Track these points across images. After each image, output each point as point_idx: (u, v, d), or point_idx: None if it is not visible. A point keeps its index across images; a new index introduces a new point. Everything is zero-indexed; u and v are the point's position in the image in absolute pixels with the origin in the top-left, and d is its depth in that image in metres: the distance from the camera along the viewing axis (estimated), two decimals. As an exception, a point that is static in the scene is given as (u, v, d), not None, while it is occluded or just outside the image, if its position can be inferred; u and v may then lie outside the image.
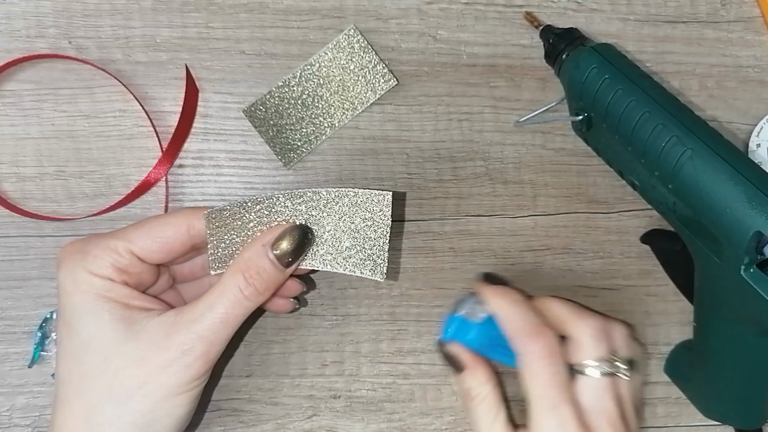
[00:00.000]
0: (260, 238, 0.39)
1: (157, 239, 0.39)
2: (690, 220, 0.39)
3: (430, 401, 0.48)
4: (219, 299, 0.38)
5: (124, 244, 0.38)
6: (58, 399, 0.38)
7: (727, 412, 0.45)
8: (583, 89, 0.41)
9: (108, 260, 0.38)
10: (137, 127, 0.45)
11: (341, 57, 0.45)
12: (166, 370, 0.37)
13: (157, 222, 0.39)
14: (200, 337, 0.37)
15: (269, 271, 0.39)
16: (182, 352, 0.37)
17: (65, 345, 0.38)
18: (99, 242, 0.38)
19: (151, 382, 0.37)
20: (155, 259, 0.39)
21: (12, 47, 0.44)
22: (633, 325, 0.48)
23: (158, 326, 0.37)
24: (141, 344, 0.37)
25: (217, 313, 0.38)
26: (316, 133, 0.46)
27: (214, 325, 0.37)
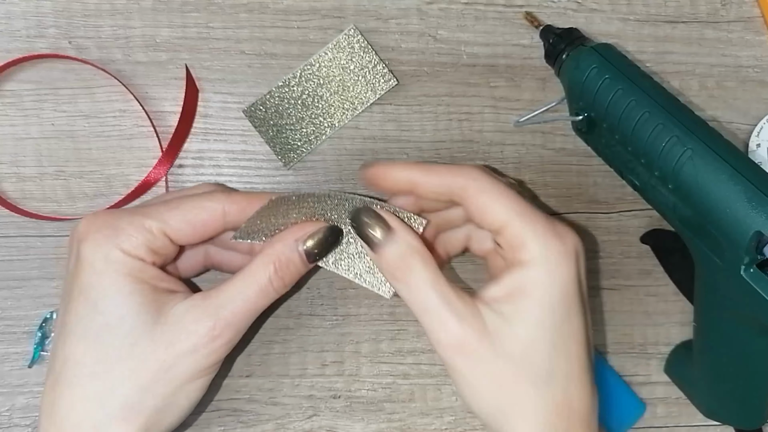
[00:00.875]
0: (293, 232, 0.39)
1: (191, 223, 0.38)
2: (690, 220, 0.39)
3: (430, 401, 0.48)
4: (248, 286, 0.38)
5: (159, 225, 0.37)
6: (63, 380, 0.36)
7: (727, 412, 0.45)
8: (583, 89, 0.41)
9: (142, 240, 0.37)
10: (137, 127, 0.45)
11: (341, 57, 0.46)
12: (194, 354, 0.37)
13: (192, 205, 0.38)
14: (228, 323, 0.37)
15: (297, 265, 0.39)
16: (212, 337, 0.37)
17: (84, 325, 0.36)
18: (132, 219, 0.37)
19: (178, 365, 0.37)
20: (185, 241, 0.39)
21: (12, 47, 0.44)
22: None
23: (187, 310, 0.37)
24: (169, 327, 0.37)
25: (246, 299, 0.38)
26: (316, 133, 0.46)
27: (242, 311, 0.37)
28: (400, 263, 0.37)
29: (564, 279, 0.37)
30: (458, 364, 0.37)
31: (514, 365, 0.36)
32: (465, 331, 0.36)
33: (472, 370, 0.36)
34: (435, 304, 0.36)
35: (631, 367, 0.49)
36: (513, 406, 0.36)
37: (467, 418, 0.48)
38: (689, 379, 0.47)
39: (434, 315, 0.36)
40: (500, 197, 0.37)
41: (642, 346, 0.49)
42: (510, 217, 0.37)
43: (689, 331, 0.46)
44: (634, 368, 0.49)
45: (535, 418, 0.36)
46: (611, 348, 0.49)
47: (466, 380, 0.37)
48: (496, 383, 0.36)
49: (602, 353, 0.48)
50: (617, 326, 0.49)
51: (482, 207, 0.37)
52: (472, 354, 0.36)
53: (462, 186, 0.38)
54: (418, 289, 0.37)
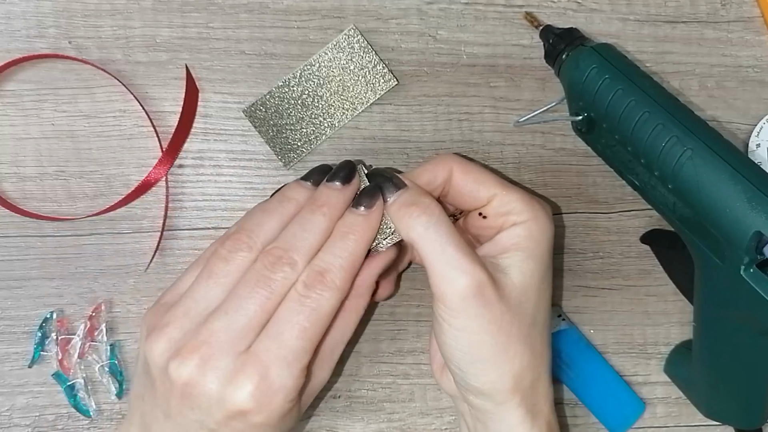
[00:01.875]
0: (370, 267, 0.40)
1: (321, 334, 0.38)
2: (690, 220, 0.39)
3: (430, 401, 0.48)
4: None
5: (310, 356, 0.38)
6: None
7: (727, 412, 0.45)
8: (583, 89, 0.41)
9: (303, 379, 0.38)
10: (137, 127, 0.45)
11: (341, 57, 0.46)
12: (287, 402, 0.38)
13: (321, 320, 0.38)
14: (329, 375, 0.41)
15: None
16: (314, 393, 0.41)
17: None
18: (291, 369, 0.37)
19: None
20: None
21: (12, 47, 0.44)
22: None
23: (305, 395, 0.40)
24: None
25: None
26: (316, 133, 0.46)
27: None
28: (418, 204, 0.39)
29: (548, 235, 0.40)
30: (471, 307, 0.37)
31: (510, 310, 0.38)
32: (482, 275, 0.37)
33: (482, 314, 0.37)
34: (455, 246, 0.37)
35: (630, 366, 0.49)
36: (505, 349, 0.38)
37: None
38: (689, 379, 0.47)
39: (454, 258, 0.37)
40: (484, 175, 0.41)
41: (642, 346, 0.49)
42: (497, 189, 0.41)
43: (689, 331, 0.46)
44: (633, 368, 0.49)
45: (521, 361, 0.39)
46: (611, 348, 0.49)
47: (465, 327, 0.38)
48: (496, 326, 0.38)
49: (602, 353, 0.48)
50: (617, 326, 0.49)
51: (471, 187, 0.41)
52: (484, 297, 0.37)
53: (447, 173, 0.41)
54: (437, 230, 0.38)
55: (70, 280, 0.46)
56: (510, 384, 0.38)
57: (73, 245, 0.46)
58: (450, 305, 0.37)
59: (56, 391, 0.45)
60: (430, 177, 0.41)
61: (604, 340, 0.49)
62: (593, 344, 0.48)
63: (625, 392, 0.48)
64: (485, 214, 0.41)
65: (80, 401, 0.45)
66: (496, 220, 0.41)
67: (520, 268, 0.39)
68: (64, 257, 0.45)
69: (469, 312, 0.37)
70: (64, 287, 0.46)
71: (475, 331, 0.38)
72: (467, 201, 0.41)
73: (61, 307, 0.46)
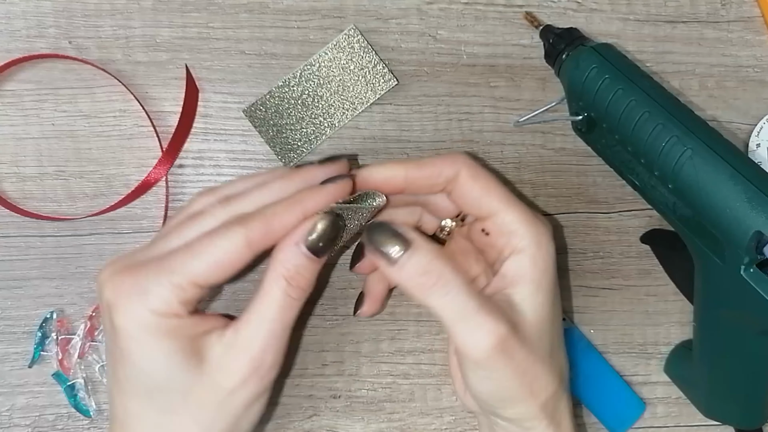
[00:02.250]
0: (291, 237, 0.37)
1: (218, 265, 0.37)
2: (690, 220, 0.39)
3: (430, 401, 0.48)
4: (268, 309, 0.37)
5: (188, 279, 0.36)
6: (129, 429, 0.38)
7: (727, 412, 0.45)
8: (583, 89, 0.41)
9: (172, 297, 0.36)
10: (137, 127, 0.45)
11: (341, 57, 0.46)
12: (244, 386, 0.37)
13: (213, 245, 0.36)
14: (265, 349, 0.37)
15: (307, 266, 0.38)
16: (254, 368, 0.37)
17: (135, 385, 0.37)
18: (159, 279, 0.36)
19: (233, 400, 0.37)
20: (216, 283, 0.38)
21: (12, 47, 0.44)
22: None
23: (225, 351, 0.37)
24: (214, 370, 0.37)
25: (272, 321, 0.37)
26: (316, 133, 0.46)
27: (272, 333, 0.37)
28: (430, 273, 0.36)
29: (551, 259, 0.39)
30: (498, 362, 0.37)
31: (532, 350, 0.38)
32: (503, 329, 0.36)
33: (508, 364, 0.37)
34: (473, 309, 0.36)
35: (631, 366, 0.49)
36: (531, 385, 0.38)
37: (467, 418, 0.48)
38: (689, 379, 0.47)
39: (473, 319, 0.36)
40: (491, 185, 0.40)
41: (642, 345, 0.49)
42: (501, 205, 0.39)
43: (689, 330, 0.46)
44: (634, 368, 0.49)
45: (546, 391, 0.38)
46: (611, 348, 0.49)
47: (490, 376, 0.37)
48: (521, 371, 0.37)
49: (602, 353, 0.48)
50: (617, 326, 0.49)
51: (476, 195, 0.39)
52: (508, 349, 0.37)
53: (453, 174, 0.39)
54: (454, 296, 0.36)
55: (70, 280, 0.46)
56: (538, 411, 0.38)
57: (73, 245, 0.46)
58: (476, 361, 0.37)
59: (56, 391, 0.45)
60: (433, 172, 0.39)
61: (605, 340, 0.49)
62: (593, 344, 0.48)
63: (626, 392, 0.48)
64: (487, 231, 0.40)
65: (80, 401, 0.45)
66: (499, 239, 0.40)
67: (532, 303, 0.38)
68: (64, 257, 0.45)
69: (496, 365, 0.37)
70: (64, 287, 0.46)
71: (501, 379, 0.37)
72: (469, 207, 0.40)
73: (61, 307, 0.46)
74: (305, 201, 0.38)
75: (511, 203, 0.39)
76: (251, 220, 0.37)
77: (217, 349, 0.37)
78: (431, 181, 0.40)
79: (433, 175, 0.40)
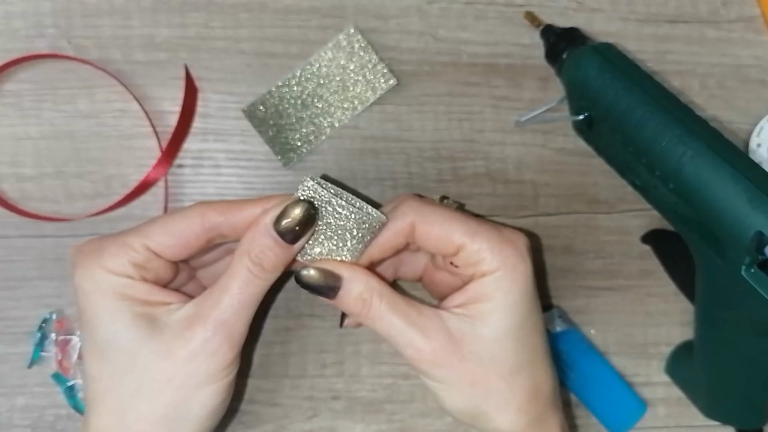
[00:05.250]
0: (262, 217, 0.38)
1: (171, 233, 0.38)
2: (691, 220, 0.39)
3: (431, 402, 0.48)
4: (230, 282, 0.38)
5: (140, 240, 0.38)
6: (90, 397, 0.39)
7: (728, 413, 0.45)
8: (583, 89, 0.41)
9: (124, 257, 0.38)
10: (136, 127, 0.45)
11: (341, 57, 0.45)
12: (193, 360, 0.37)
13: (171, 216, 0.39)
14: (219, 322, 0.37)
15: (274, 249, 0.38)
16: (205, 339, 0.37)
17: (90, 344, 0.38)
18: (115, 240, 0.38)
19: (180, 374, 0.37)
20: (171, 254, 0.39)
21: (12, 47, 0.44)
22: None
23: (180, 319, 0.38)
24: (165, 338, 0.37)
25: (232, 294, 0.38)
26: (316, 133, 0.46)
27: (230, 307, 0.38)
28: (358, 303, 0.39)
29: (523, 279, 0.39)
30: (434, 374, 0.39)
31: (482, 364, 0.39)
32: (433, 345, 0.38)
33: (448, 377, 0.39)
34: (400, 329, 0.39)
35: (631, 367, 0.49)
36: (487, 400, 0.39)
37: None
38: (690, 380, 0.47)
39: (402, 338, 0.39)
40: (447, 223, 0.39)
41: (643, 346, 0.49)
42: (463, 239, 0.39)
43: (690, 331, 0.46)
44: (634, 368, 0.49)
45: (507, 406, 0.39)
46: (612, 348, 0.48)
47: (442, 387, 0.39)
48: (468, 383, 0.39)
49: (603, 353, 0.48)
50: (618, 326, 0.48)
51: (435, 237, 0.39)
52: (443, 364, 0.39)
53: (409, 229, 0.39)
54: (381, 320, 0.39)
55: (69, 280, 0.45)
56: (505, 426, 0.39)
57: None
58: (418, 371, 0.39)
59: (56, 391, 0.45)
60: (392, 242, 0.40)
61: (605, 340, 0.48)
62: (594, 345, 0.48)
63: (627, 393, 0.48)
64: (456, 264, 0.40)
65: (80, 402, 0.45)
66: (467, 269, 0.39)
67: (488, 319, 0.39)
68: (64, 257, 0.45)
69: (436, 375, 0.39)
70: (64, 287, 0.45)
71: (448, 389, 0.39)
72: (435, 249, 0.40)
73: (60, 307, 0.45)
74: (272, 198, 0.39)
75: (475, 234, 0.39)
76: (214, 201, 0.39)
77: (174, 318, 0.38)
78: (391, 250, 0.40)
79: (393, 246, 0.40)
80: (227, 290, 0.38)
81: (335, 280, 0.39)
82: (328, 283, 0.39)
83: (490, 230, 0.39)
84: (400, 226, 0.39)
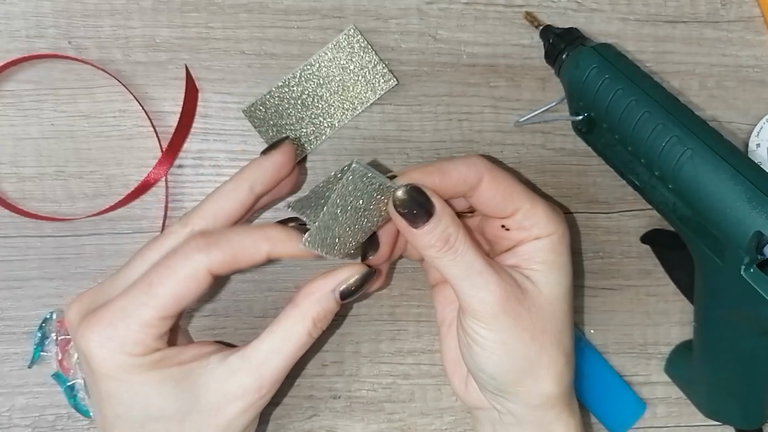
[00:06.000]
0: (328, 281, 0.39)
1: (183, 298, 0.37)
2: (690, 220, 0.39)
3: (431, 401, 0.48)
4: (288, 343, 0.38)
5: (155, 314, 0.36)
6: None
7: (727, 412, 0.45)
8: (583, 89, 0.41)
9: (148, 338, 0.36)
10: (137, 127, 0.45)
11: (341, 57, 0.45)
12: (245, 413, 0.38)
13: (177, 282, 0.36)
14: (272, 381, 0.38)
15: (333, 310, 0.39)
16: (260, 396, 0.38)
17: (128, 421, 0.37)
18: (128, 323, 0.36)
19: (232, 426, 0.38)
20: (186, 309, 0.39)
21: (12, 47, 0.44)
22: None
23: (225, 375, 0.37)
24: (213, 395, 0.37)
25: (287, 356, 0.38)
26: (316, 133, 0.46)
27: (283, 367, 0.38)
28: (443, 237, 0.37)
29: (568, 245, 0.41)
30: (500, 322, 0.38)
31: (542, 319, 0.39)
32: (507, 289, 0.38)
33: (513, 326, 0.38)
34: (478, 269, 0.38)
35: (631, 367, 0.49)
36: (541, 359, 0.39)
37: (467, 418, 0.48)
38: (689, 379, 0.47)
39: (479, 277, 0.38)
40: (512, 187, 0.40)
41: (642, 346, 0.49)
42: (524, 201, 0.40)
43: (689, 331, 0.46)
44: (634, 368, 0.49)
45: (554, 368, 0.39)
46: (611, 348, 0.49)
47: (501, 339, 0.38)
48: (529, 335, 0.38)
49: (603, 353, 0.48)
50: (617, 326, 0.49)
51: (499, 198, 0.40)
52: (512, 310, 0.38)
53: (477, 179, 0.39)
54: (461, 259, 0.38)
55: (70, 280, 0.46)
56: (549, 389, 0.39)
57: (73, 245, 0.46)
58: (482, 319, 0.38)
59: (56, 391, 0.45)
60: (460, 179, 0.39)
61: (605, 340, 0.48)
62: (593, 344, 0.48)
63: (626, 392, 0.48)
64: (508, 227, 0.41)
65: (80, 401, 0.45)
66: (519, 233, 0.40)
67: (547, 279, 0.40)
68: (64, 257, 0.45)
69: (501, 324, 0.38)
70: (64, 287, 0.46)
71: (508, 342, 0.38)
72: (491, 210, 0.40)
73: (61, 307, 0.46)
74: (267, 230, 0.38)
75: (534, 200, 0.40)
76: (214, 247, 0.37)
77: (218, 375, 0.37)
78: (454, 189, 0.39)
79: (458, 183, 0.39)
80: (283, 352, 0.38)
81: (430, 205, 0.37)
82: (425, 207, 0.37)
83: (544, 201, 0.41)
84: (470, 174, 0.39)
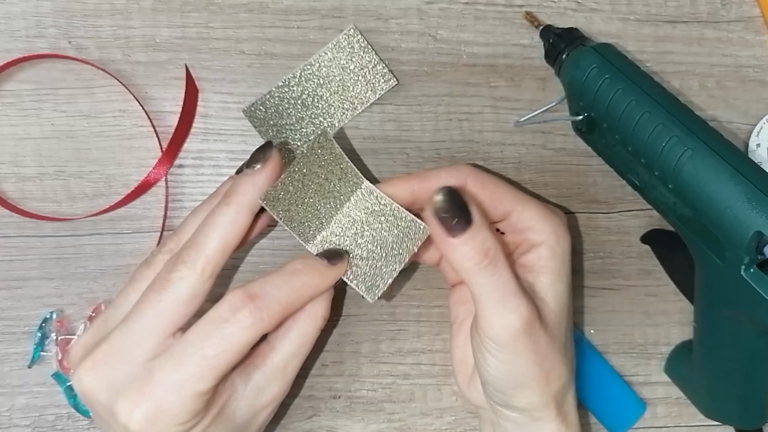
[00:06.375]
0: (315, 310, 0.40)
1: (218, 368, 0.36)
2: (690, 220, 0.39)
3: (431, 401, 0.48)
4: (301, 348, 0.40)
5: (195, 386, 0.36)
6: None
7: (727, 412, 0.45)
8: (583, 89, 0.41)
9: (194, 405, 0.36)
10: (137, 127, 0.45)
11: (341, 57, 0.45)
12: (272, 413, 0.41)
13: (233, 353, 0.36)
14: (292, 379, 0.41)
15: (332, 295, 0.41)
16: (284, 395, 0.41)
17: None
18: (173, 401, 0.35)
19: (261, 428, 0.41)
20: None
21: (12, 47, 0.44)
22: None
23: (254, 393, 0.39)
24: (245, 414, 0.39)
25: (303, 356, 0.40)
26: (316, 133, 0.46)
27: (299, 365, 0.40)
28: (482, 250, 0.37)
29: (567, 249, 0.41)
30: (522, 345, 0.37)
31: (552, 337, 0.39)
32: (531, 313, 0.38)
33: (531, 348, 0.38)
34: (515, 288, 0.37)
35: (631, 367, 0.49)
36: (548, 373, 0.39)
37: (467, 418, 0.48)
38: (689, 379, 0.47)
39: (513, 299, 0.37)
40: (499, 188, 0.40)
41: (642, 346, 0.49)
42: (514, 205, 0.40)
43: (689, 331, 0.46)
44: (634, 368, 0.49)
45: (559, 380, 0.39)
46: (611, 348, 0.48)
47: (518, 359, 0.38)
48: (542, 354, 0.38)
49: (603, 353, 0.48)
50: (617, 326, 0.49)
51: (487, 201, 0.40)
52: (533, 334, 0.38)
53: (460, 185, 0.39)
54: (502, 273, 0.37)
55: (70, 280, 0.46)
56: (549, 400, 0.39)
57: (73, 245, 0.46)
58: (500, 343, 0.38)
59: (56, 391, 0.45)
60: (440, 184, 0.39)
61: (605, 340, 0.48)
62: (594, 344, 0.48)
63: (626, 393, 0.48)
64: (503, 231, 0.41)
65: (80, 401, 0.45)
66: (515, 236, 0.41)
67: (554, 292, 0.40)
68: (64, 257, 0.45)
69: (519, 348, 0.38)
70: (64, 287, 0.46)
71: (521, 363, 0.38)
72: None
73: (60, 307, 0.46)
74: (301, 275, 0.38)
75: (524, 201, 0.40)
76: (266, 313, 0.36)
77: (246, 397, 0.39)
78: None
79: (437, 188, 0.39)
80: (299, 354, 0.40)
81: (468, 214, 0.37)
82: (463, 214, 0.37)
83: (533, 199, 0.41)
84: (454, 180, 0.39)
